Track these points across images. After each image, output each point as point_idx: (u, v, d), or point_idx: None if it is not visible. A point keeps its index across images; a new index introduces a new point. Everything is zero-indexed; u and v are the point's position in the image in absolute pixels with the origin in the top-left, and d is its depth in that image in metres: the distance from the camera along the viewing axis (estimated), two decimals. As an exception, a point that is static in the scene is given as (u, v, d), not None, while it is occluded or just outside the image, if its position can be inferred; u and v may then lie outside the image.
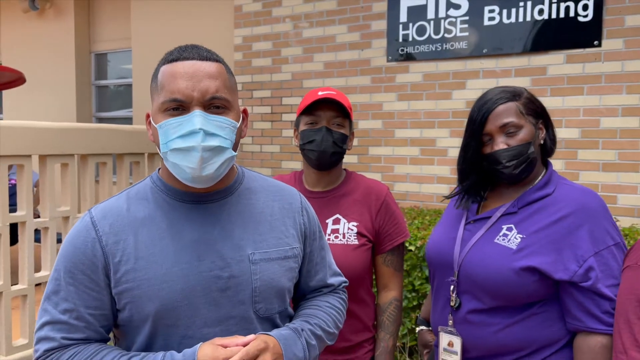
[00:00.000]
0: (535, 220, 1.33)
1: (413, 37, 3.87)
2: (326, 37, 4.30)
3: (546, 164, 1.45)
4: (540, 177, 1.40)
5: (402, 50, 3.93)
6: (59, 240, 3.48)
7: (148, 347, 1.00)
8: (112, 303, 1.01)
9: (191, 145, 0.97)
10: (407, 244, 2.80)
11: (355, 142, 4.15)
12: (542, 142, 1.42)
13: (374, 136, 4.10)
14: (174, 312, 0.98)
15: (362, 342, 1.58)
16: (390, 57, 3.99)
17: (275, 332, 1.03)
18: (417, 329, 1.76)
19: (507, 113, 1.36)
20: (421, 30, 3.84)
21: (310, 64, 4.39)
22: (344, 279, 1.27)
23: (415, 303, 2.84)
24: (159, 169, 1.12)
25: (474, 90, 3.67)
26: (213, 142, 0.98)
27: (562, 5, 3.33)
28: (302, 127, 1.60)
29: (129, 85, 6.04)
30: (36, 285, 3.20)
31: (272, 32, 4.56)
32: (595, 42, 3.26)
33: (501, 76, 3.57)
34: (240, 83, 4.76)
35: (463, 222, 1.45)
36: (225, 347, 0.94)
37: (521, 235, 1.32)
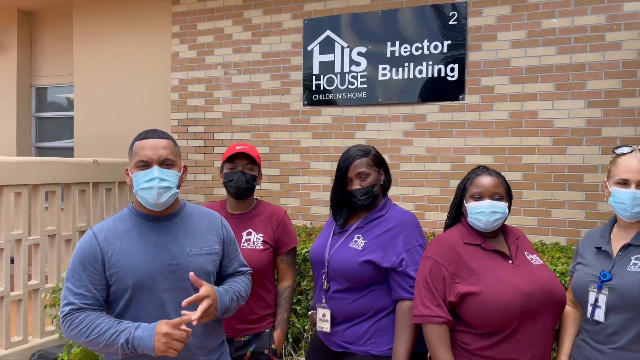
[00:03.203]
0: (374, 231, 2.10)
1: (324, 87, 4.70)
2: (252, 82, 5.03)
3: (385, 195, 2.23)
4: (379, 204, 2.19)
5: (315, 97, 4.74)
6: (12, 261, 3.94)
7: (126, 308, 1.66)
8: (106, 282, 1.67)
9: (152, 185, 1.67)
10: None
11: (277, 172, 4.90)
12: (382, 182, 2.21)
13: (293, 167, 4.84)
14: (144, 284, 1.66)
15: (266, 315, 2.31)
16: (305, 102, 4.79)
17: (219, 288, 1.72)
18: (309, 312, 2.49)
19: (361, 165, 2.13)
20: (330, 81, 4.67)
21: (238, 105, 5.10)
22: (249, 268, 1.99)
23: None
24: (133, 202, 1.80)
25: (372, 131, 4.52)
26: (164, 184, 1.68)
27: (436, 67, 4.27)
28: (225, 171, 2.34)
29: (70, 118, 6.48)
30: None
31: (205, 76, 5.25)
32: (460, 97, 4.21)
33: (392, 120, 4.45)
34: (176, 119, 5.39)
35: (331, 234, 2.21)
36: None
37: (365, 241, 2.09)
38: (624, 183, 1.80)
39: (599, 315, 1.78)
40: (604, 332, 1.77)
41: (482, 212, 1.91)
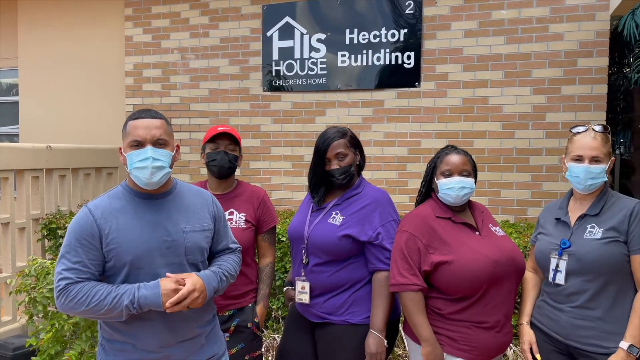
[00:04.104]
0: (351, 208, 2.22)
1: (283, 73, 4.76)
2: (210, 68, 5.02)
3: (359, 175, 2.35)
4: (355, 183, 2.30)
5: (275, 82, 4.79)
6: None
7: (124, 283, 1.69)
8: (103, 258, 1.69)
9: (145, 165, 1.69)
10: (280, 237, 3.64)
11: (237, 157, 4.92)
12: (358, 162, 2.32)
13: (254, 153, 4.89)
14: (141, 260, 1.69)
15: (248, 291, 2.39)
16: (265, 88, 4.83)
17: (202, 273, 1.78)
18: (285, 288, 2.58)
19: (339, 146, 2.23)
20: (290, 67, 4.73)
21: (196, 90, 5.07)
22: (239, 245, 2.05)
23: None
24: (127, 180, 1.81)
25: (331, 116, 4.63)
26: (157, 164, 1.71)
27: (393, 55, 4.42)
28: (207, 151, 2.38)
29: (14, 103, 6.19)
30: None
31: (162, 61, 5.17)
32: (416, 84, 4.39)
33: (352, 107, 4.58)
34: (131, 104, 5.28)
35: (310, 211, 2.30)
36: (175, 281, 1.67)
37: (343, 217, 2.20)
38: (579, 159, 2.00)
39: (560, 279, 1.98)
40: (563, 293, 1.98)
41: (452, 187, 2.06)
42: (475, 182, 2.14)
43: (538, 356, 2.06)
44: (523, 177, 4.17)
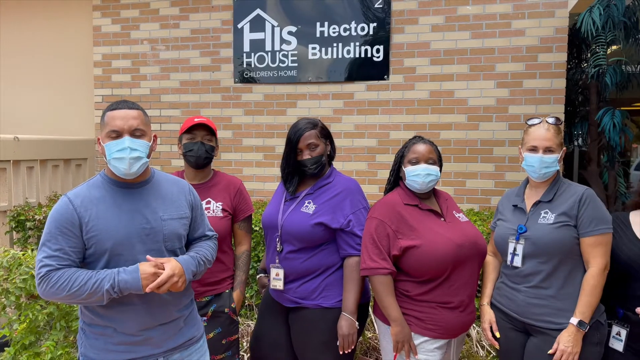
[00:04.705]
0: (323, 197, 2.31)
1: (255, 64, 4.80)
2: (181, 59, 5.01)
3: (330, 165, 2.44)
4: (326, 172, 2.39)
5: (246, 74, 4.83)
6: None
7: (105, 268, 1.74)
8: (83, 245, 1.73)
9: (123, 156, 1.74)
10: (253, 227, 3.71)
11: (209, 149, 4.94)
12: (328, 153, 2.41)
13: (226, 144, 4.92)
14: (121, 246, 1.74)
15: (225, 278, 2.46)
16: (236, 80, 4.86)
17: (180, 257, 1.84)
18: (257, 276, 2.66)
19: (310, 136, 2.31)
20: (261, 59, 4.78)
21: (167, 81, 5.06)
22: (215, 233, 2.12)
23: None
24: (105, 169, 1.85)
25: (302, 108, 4.71)
26: (135, 154, 1.76)
27: (363, 48, 4.52)
28: (184, 141, 2.43)
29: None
30: None
31: (131, 51, 5.13)
32: (385, 77, 4.50)
33: (322, 99, 4.66)
34: (100, 96, 5.23)
35: (283, 200, 2.38)
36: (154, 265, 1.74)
37: (315, 205, 2.29)
38: (534, 149, 2.14)
39: (517, 261, 2.12)
40: (520, 274, 2.12)
41: (419, 174, 2.18)
42: (440, 170, 2.26)
43: (497, 334, 2.21)
44: (487, 168, 4.35)
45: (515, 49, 4.23)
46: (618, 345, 2.12)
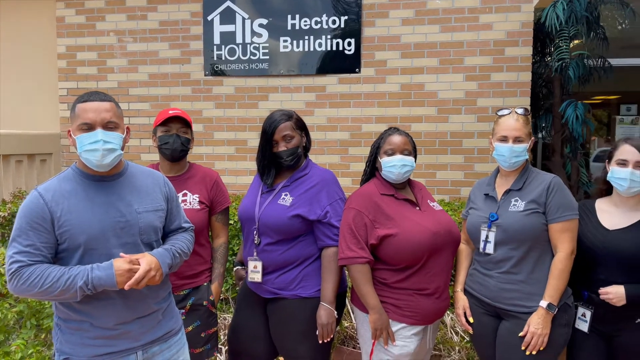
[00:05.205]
0: (300, 188, 2.32)
1: (225, 57, 4.75)
2: (149, 51, 4.92)
3: (306, 156, 2.45)
4: (302, 164, 2.40)
5: (217, 67, 4.78)
6: None
7: (79, 263, 1.71)
8: (55, 240, 1.70)
9: (96, 147, 1.72)
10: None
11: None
12: (304, 144, 2.42)
13: (197, 138, 4.84)
14: (95, 241, 1.72)
15: (203, 270, 2.45)
16: (207, 72, 4.81)
17: (154, 251, 1.82)
18: (234, 268, 2.66)
19: (285, 128, 2.32)
20: (232, 52, 4.74)
21: (135, 74, 4.96)
22: (191, 224, 2.10)
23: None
24: (76, 162, 1.82)
25: (274, 101, 4.70)
26: (108, 146, 1.74)
27: (334, 41, 4.54)
28: (159, 134, 2.40)
29: None
30: None
31: (97, 43, 5.01)
32: (357, 70, 4.54)
33: (294, 92, 4.66)
34: (65, 89, 5.09)
35: (259, 192, 2.38)
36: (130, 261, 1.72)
37: (292, 197, 2.30)
38: (504, 139, 2.21)
39: (489, 248, 2.19)
40: (492, 261, 2.19)
41: (395, 165, 2.22)
42: (415, 161, 2.31)
43: (471, 319, 2.28)
44: (456, 159, 4.44)
45: (483, 42, 4.33)
46: (583, 326, 2.21)
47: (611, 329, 2.17)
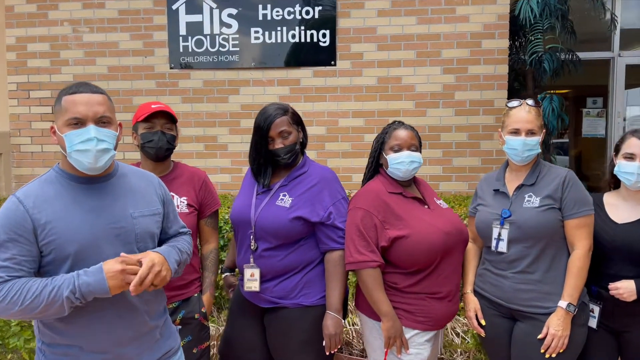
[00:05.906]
0: (299, 188, 2.14)
1: (192, 49, 4.48)
2: (108, 42, 4.58)
3: (303, 153, 2.28)
4: (300, 162, 2.22)
5: (183, 59, 4.50)
6: None
7: None
8: (38, 252, 1.46)
9: (88, 147, 1.48)
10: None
11: (144, 140, 4.57)
12: (301, 140, 2.24)
13: (162, 135, 4.57)
14: (86, 250, 1.48)
15: (193, 280, 2.22)
16: (172, 65, 4.52)
17: (157, 249, 1.61)
18: (223, 275, 2.46)
19: (282, 123, 2.12)
20: (199, 43, 4.47)
21: (92, 66, 4.61)
22: (189, 229, 1.88)
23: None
24: (59, 163, 1.57)
25: (246, 95, 4.47)
26: (102, 145, 1.51)
27: (308, 33, 4.36)
28: (141, 131, 2.14)
29: None
30: None
31: (50, 34, 4.61)
32: (332, 62, 4.38)
33: (267, 85, 4.46)
34: (14, 83, 4.67)
35: (254, 193, 2.18)
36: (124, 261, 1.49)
37: (291, 198, 2.12)
38: (516, 132, 2.11)
39: (502, 247, 2.08)
40: (506, 260, 2.09)
41: (402, 162, 2.08)
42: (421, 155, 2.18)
43: (483, 321, 2.17)
44: (435, 154, 4.37)
45: (460, 34, 4.27)
46: (592, 322, 2.16)
47: (620, 324, 2.12)
